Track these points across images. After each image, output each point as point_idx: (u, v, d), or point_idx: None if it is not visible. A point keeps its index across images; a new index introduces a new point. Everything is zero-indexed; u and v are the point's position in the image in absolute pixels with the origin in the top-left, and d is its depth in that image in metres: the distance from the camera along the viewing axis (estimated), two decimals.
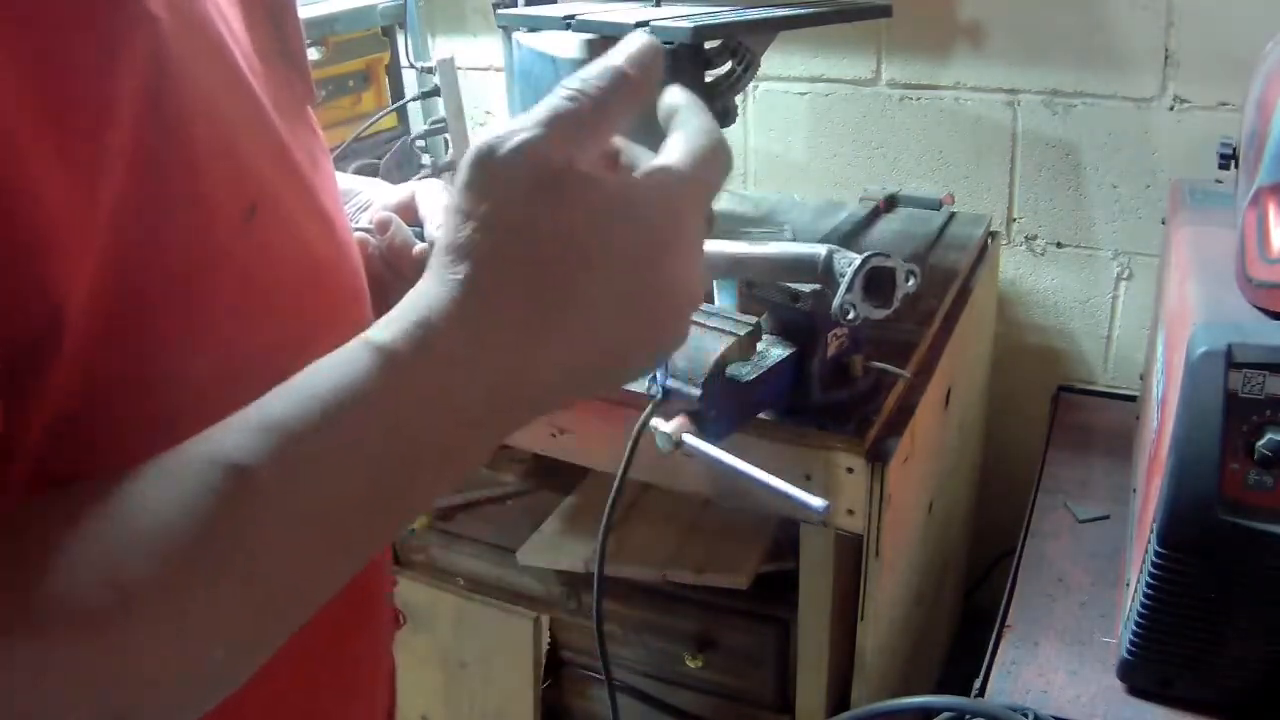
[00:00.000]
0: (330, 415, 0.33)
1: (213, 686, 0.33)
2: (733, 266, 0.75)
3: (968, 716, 0.75)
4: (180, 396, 0.36)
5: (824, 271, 0.72)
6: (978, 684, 0.81)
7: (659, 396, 0.72)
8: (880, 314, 0.73)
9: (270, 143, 0.40)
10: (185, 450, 0.32)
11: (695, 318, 0.75)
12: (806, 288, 0.74)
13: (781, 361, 0.76)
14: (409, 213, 0.64)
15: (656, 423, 0.70)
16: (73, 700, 0.29)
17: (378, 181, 0.69)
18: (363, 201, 0.67)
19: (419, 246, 0.61)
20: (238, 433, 0.32)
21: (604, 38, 0.95)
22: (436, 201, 0.64)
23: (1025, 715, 0.73)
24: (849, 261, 0.71)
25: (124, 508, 0.31)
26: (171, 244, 0.35)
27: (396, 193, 0.66)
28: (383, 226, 0.61)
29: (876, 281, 0.73)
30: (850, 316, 0.71)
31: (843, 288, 0.70)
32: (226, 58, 0.38)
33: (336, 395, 0.33)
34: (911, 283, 0.74)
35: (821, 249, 0.72)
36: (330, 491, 0.33)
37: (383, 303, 0.43)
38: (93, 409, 0.34)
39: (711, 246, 0.64)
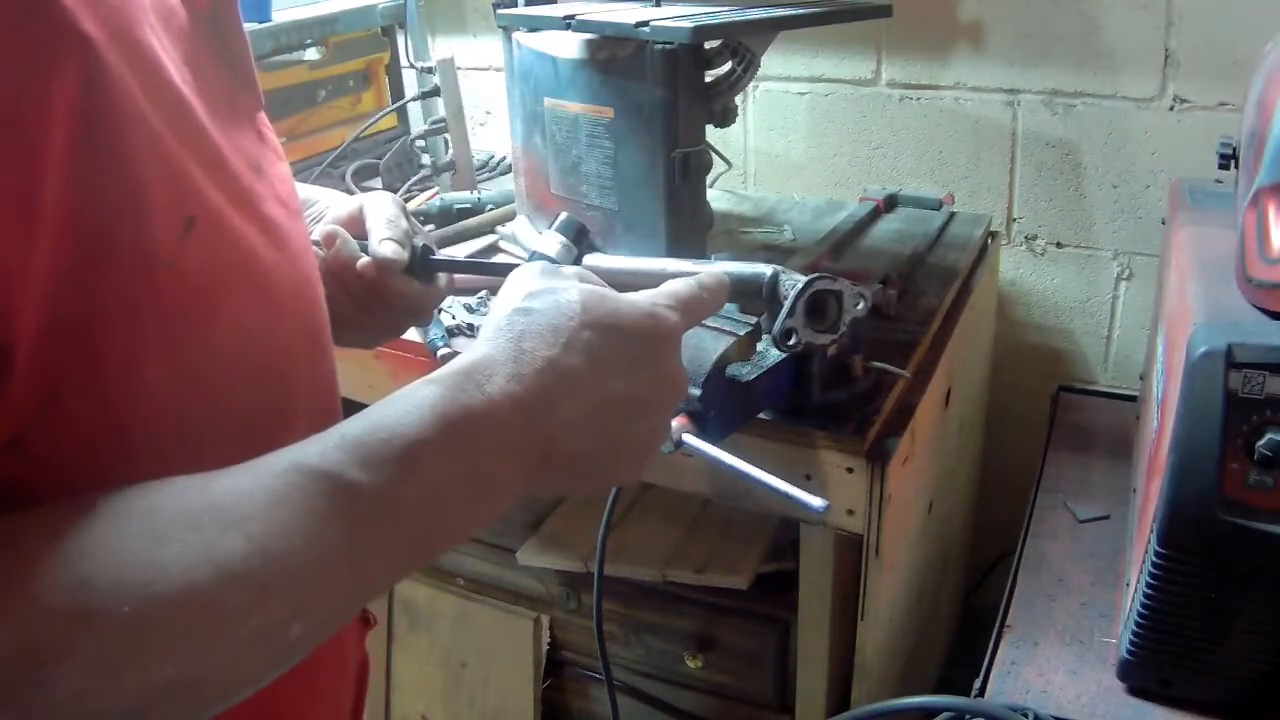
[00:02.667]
0: (408, 434, 0.39)
1: (286, 656, 0.37)
2: None
3: (968, 716, 0.75)
4: (132, 404, 0.38)
5: (769, 293, 0.70)
6: (978, 684, 0.81)
7: None
8: (825, 339, 0.72)
9: (206, 154, 0.41)
10: (268, 457, 0.37)
11: None
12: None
13: (781, 361, 0.75)
14: (357, 225, 0.65)
15: None
16: (165, 657, 0.33)
17: (333, 192, 0.70)
18: (317, 213, 0.68)
19: (363, 261, 0.62)
20: (323, 445, 0.38)
21: (604, 38, 0.95)
22: (383, 215, 0.64)
23: (1025, 715, 0.73)
24: (793, 284, 0.69)
25: (212, 496, 0.35)
26: (113, 258, 0.36)
27: (347, 205, 0.67)
28: (329, 240, 0.63)
29: (821, 305, 0.71)
30: (792, 342, 0.70)
31: (783, 312, 0.69)
32: (158, 72, 0.39)
33: (413, 417, 0.40)
34: (860, 306, 0.73)
35: (767, 269, 0.70)
36: (404, 498, 0.39)
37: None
38: (46, 421, 0.35)
39: (654, 265, 0.64)
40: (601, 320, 0.47)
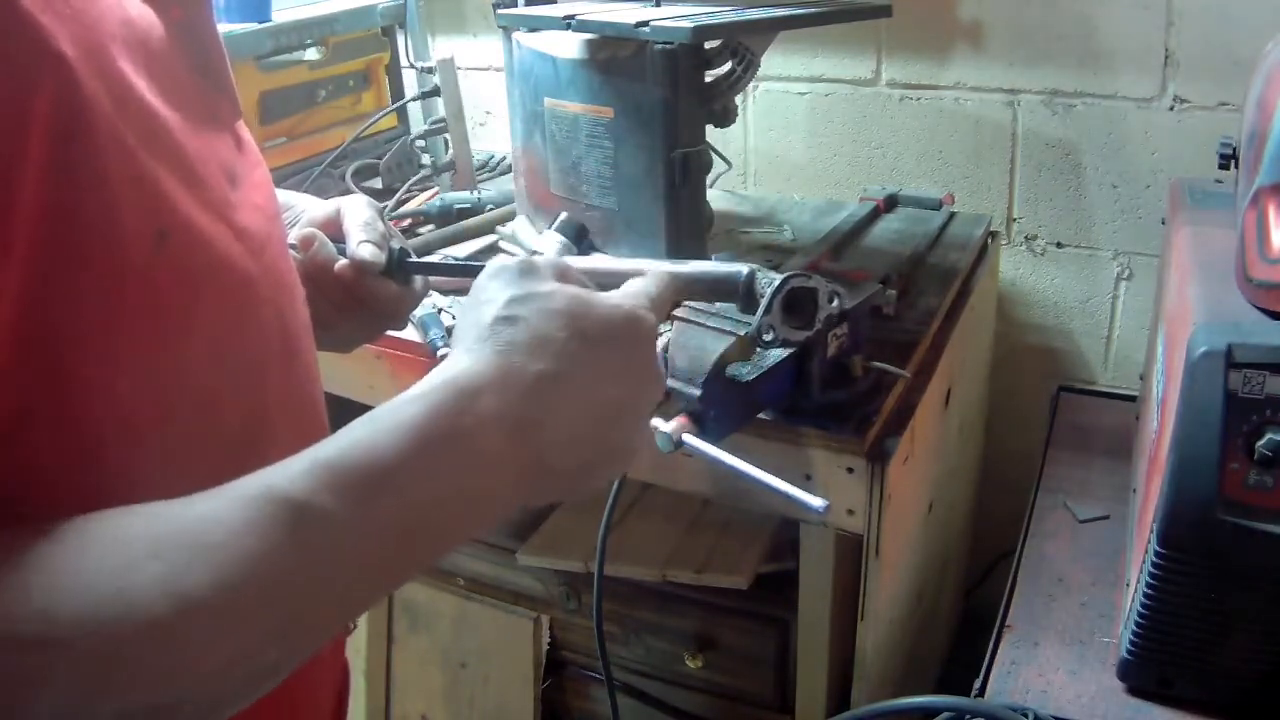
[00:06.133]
0: (385, 458, 0.38)
1: (264, 679, 0.36)
2: None
3: (968, 716, 0.75)
4: (105, 419, 0.37)
5: (745, 292, 0.70)
6: (978, 684, 0.81)
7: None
8: (801, 335, 0.73)
9: (179, 166, 0.41)
10: (242, 481, 0.36)
11: (695, 318, 0.75)
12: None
13: (781, 361, 0.75)
14: (334, 227, 0.65)
15: (656, 423, 0.70)
16: (131, 688, 0.32)
17: (309, 197, 0.70)
18: (293, 217, 0.68)
19: (340, 263, 0.62)
20: (295, 469, 0.37)
21: (604, 38, 0.95)
22: (359, 218, 0.65)
23: (1025, 715, 0.73)
24: (769, 282, 0.70)
25: (181, 523, 0.34)
26: (84, 273, 0.36)
27: (324, 208, 0.67)
28: (306, 243, 0.63)
29: (798, 302, 0.72)
30: (769, 339, 0.71)
31: (761, 309, 0.69)
32: (129, 87, 0.39)
33: (392, 438, 0.39)
34: (835, 303, 0.74)
35: (743, 269, 0.71)
36: (380, 522, 0.38)
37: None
38: (17, 438, 0.35)
39: (632, 265, 0.64)
40: (590, 330, 0.46)
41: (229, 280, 0.43)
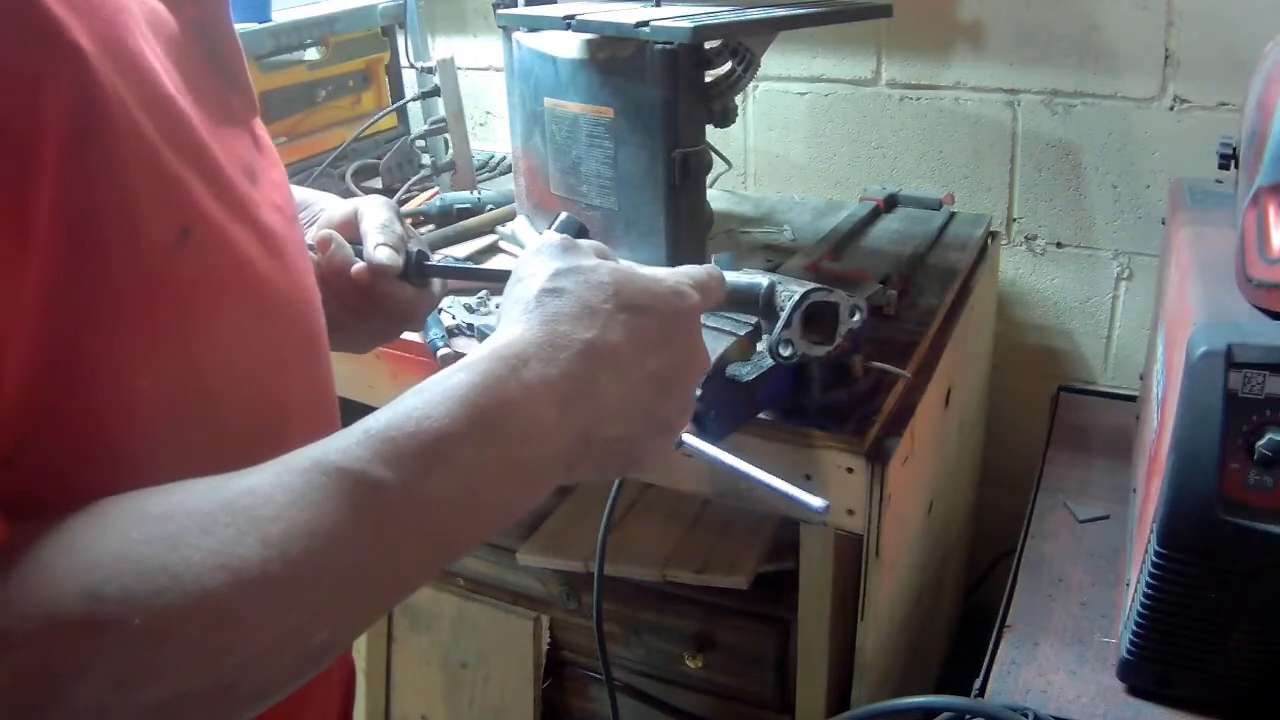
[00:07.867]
0: (436, 428, 0.38)
1: (314, 662, 0.36)
2: None
3: (968, 716, 0.75)
4: (123, 419, 0.37)
5: (765, 304, 0.69)
6: (978, 684, 0.81)
7: None
8: (820, 351, 0.71)
9: (203, 163, 0.41)
10: (292, 455, 0.36)
11: None
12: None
13: None
14: (350, 229, 0.65)
15: None
16: (181, 668, 0.32)
17: (327, 195, 0.69)
18: (310, 216, 0.67)
19: (357, 266, 0.62)
20: (346, 441, 0.37)
21: (604, 38, 0.95)
22: (377, 220, 0.64)
23: (1025, 715, 0.73)
24: (790, 295, 0.69)
25: (231, 496, 0.34)
26: (105, 271, 0.35)
27: (341, 209, 0.67)
28: (323, 245, 0.62)
29: (818, 316, 0.71)
30: (788, 354, 0.70)
31: (780, 324, 0.68)
32: (153, 82, 0.38)
33: (442, 408, 0.39)
34: (856, 317, 0.72)
35: (764, 280, 0.69)
36: (433, 493, 0.37)
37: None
38: (36, 438, 0.34)
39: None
40: (635, 300, 0.46)
41: (250, 280, 0.43)
